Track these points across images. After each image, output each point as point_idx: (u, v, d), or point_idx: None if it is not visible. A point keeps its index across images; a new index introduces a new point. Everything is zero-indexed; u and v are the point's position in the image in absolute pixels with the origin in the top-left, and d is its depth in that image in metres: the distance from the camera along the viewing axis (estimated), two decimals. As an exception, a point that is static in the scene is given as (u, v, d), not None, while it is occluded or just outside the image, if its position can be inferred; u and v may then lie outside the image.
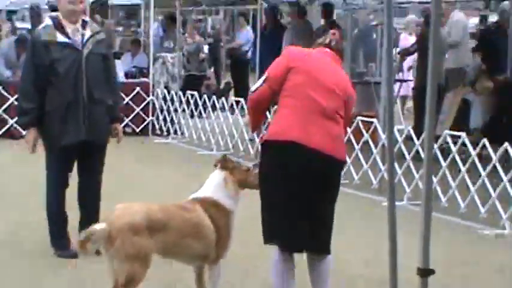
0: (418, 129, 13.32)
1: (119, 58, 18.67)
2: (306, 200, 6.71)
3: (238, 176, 7.00)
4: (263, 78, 6.88)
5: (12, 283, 8.03)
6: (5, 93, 17.16)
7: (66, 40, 8.73)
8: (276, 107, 7.06)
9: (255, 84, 7.01)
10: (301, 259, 6.96)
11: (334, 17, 18.86)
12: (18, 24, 28.42)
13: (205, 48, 23.45)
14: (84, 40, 8.80)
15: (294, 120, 6.65)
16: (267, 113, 7.85)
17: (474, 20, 24.22)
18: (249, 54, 22.72)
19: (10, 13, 31.99)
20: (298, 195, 6.65)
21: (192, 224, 6.83)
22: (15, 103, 16.45)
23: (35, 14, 25.77)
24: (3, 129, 17.22)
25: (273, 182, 6.67)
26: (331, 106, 6.82)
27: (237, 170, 7.00)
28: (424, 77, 15.62)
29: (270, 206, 6.70)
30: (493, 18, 25.56)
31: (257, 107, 6.93)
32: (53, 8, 21.61)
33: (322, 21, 19.84)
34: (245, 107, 16.04)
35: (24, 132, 13.54)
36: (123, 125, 9.35)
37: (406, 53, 17.80)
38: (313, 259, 6.84)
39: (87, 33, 8.85)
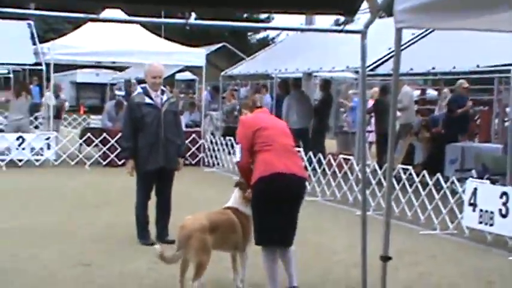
0: (380, 163, 13.36)
1: (181, 114, 18.76)
2: (291, 210, 6.65)
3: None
4: (239, 148, 6.71)
5: (109, 259, 8.07)
6: (108, 137, 17.24)
7: (151, 102, 8.87)
8: None
9: (237, 155, 6.77)
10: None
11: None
12: (117, 92, 28.63)
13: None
14: (162, 102, 8.94)
15: (274, 159, 6.54)
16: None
17: (417, 92, 24.18)
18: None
19: (111, 85, 32.25)
20: (284, 208, 6.56)
21: (231, 224, 6.85)
22: (114, 144, 16.70)
23: (128, 86, 26.04)
24: (107, 161, 17.30)
25: (266, 202, 6.53)
26: (291, 143, 6.86)
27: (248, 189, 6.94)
28: (381, 128, 15.77)
29: (264, 219, 6.56)
30: (429, 91, 25.60)
31: (246, 168, 6.77)
32: (139, 81, 21.82)
33: (318, 92, 19.90)
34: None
35: (120, 163, 13.63)
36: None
37: (367, 111, 17.74)
38: (285, 250, 6.71)
39: (164, 97, 8.98)
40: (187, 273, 6.65)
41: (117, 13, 14.18)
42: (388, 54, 13.80)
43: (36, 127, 23.17)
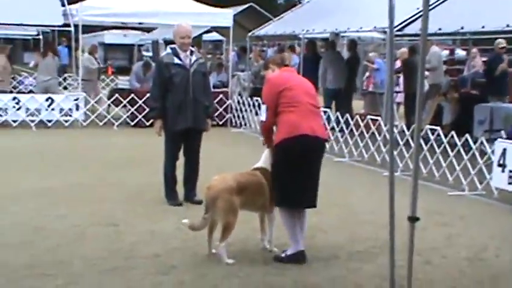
0: (408, 124, 13.24)
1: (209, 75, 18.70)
2: (313, 171, 6.61)
3: None
4: (266, 108, 6.60)
5: (137, 219, 8.10)
6: (136, 98, 17.25)
7: (180, 62, 8.80)
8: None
9: (263, 114, 6.67)
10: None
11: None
12: (144, 53, 28.63)
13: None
14: (191, 62, 8.87)
15: (299, 120, 6.45)
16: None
17: (445, 52, 23.90)
18: (295, 73, 22.16)
19: (139, 46, 32.26)
20: (306, 170, 6.52)
21: (259, 185, 6.79)
22: (142, 105, 16.73)
23: (155, 46, 25.99)
24: (135, 121, 17.33)
25: (289, 163, 6.48)
26: (315, 104, 6.74)
27: None
28: (409, 89, 15.62)
29: (286, 181, 6.50)
30: (458, 51, 25.26)
31: (269, 129, 6.74)
32: (167, 42, 21.72)
33: (346, 51, 19.73)
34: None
35: (147, 123, 13.63)
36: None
37: (395, 72, 17.55)
38: (302, 211, 6.70)
39: (193, 58, 8.90)
40: (215, 234, 6.66)
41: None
42: (416, 14, 13.58)
43: (65, 88, 23.27)
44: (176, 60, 8.79)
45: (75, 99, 17.36)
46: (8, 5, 17.21)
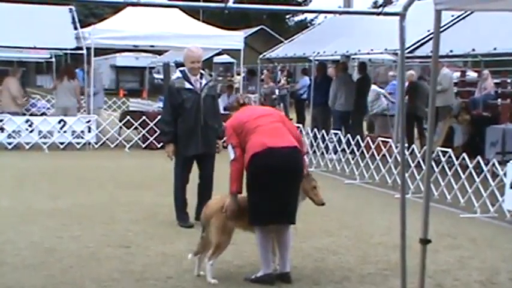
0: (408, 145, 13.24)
1: (219, 97, 18.75)
2: (284, 185, 6.42)
3: None
4: (231, 147, 6.47)
5: (150, 241, 8.12)
6: (148, 120, 17.36)
7: (190, 86, 8.87)
8: None
9: (231, 154, 6.48)
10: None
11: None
12: (156, 75, 28.74)
13: (276, 91, 23.35)
14: (202, 86, 8.94)
15: (263, 137, 6.43)
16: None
17: (456, 74, 23.92)
18: (305, 95, 22.26)
19: (150, 68, 32.45)
20: (281, 183, 6.39)
21: None
22: (153, 127, 16.81)
23: (166, 69, 26.18)
24: (146, 143, 17.45)
25: (262, 178, 6.40)
26: (276, 119, 6.73)
27: None
28: (411, 109, 15.55)
29: (260, 196, 6.38)
30: (469, 73, 25.27)
31: (241, 170, 6.48)
32: (178, 64, 21.84)
33: (355, 73, 19.77)
34: (303, 131, 16.10)
35: (159, 145, 13.68)
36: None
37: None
38: (282, 231, 6.52)
39: (204, 82, 8.97)
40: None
41: (156, -3, 14.21)
42: (427, 36, 13.64)
43: (77, 110, 23.34)
44: (187, 85, 8.85)
45: (87, 122, 17.48)
46: (21, 29, 17.44)
